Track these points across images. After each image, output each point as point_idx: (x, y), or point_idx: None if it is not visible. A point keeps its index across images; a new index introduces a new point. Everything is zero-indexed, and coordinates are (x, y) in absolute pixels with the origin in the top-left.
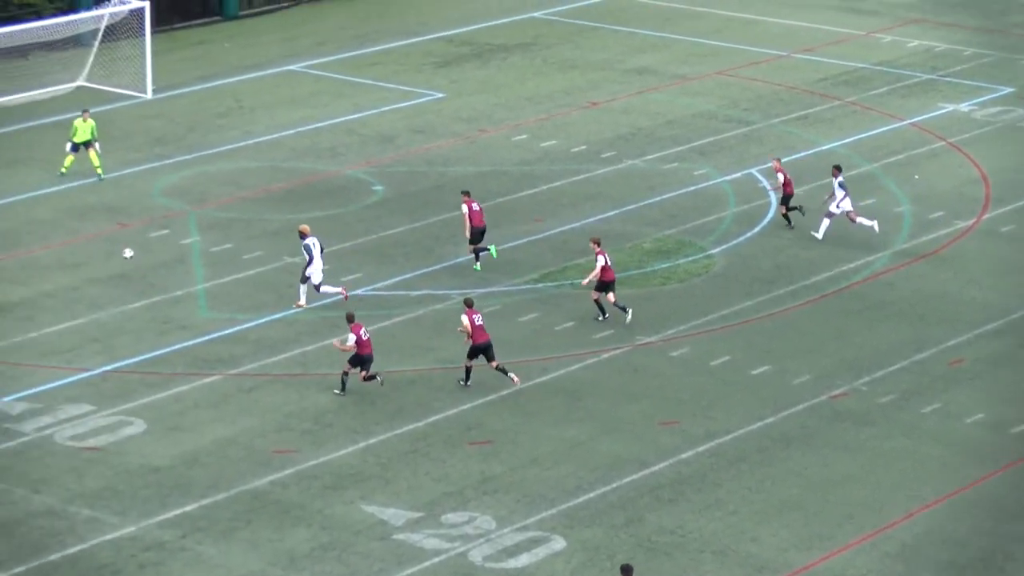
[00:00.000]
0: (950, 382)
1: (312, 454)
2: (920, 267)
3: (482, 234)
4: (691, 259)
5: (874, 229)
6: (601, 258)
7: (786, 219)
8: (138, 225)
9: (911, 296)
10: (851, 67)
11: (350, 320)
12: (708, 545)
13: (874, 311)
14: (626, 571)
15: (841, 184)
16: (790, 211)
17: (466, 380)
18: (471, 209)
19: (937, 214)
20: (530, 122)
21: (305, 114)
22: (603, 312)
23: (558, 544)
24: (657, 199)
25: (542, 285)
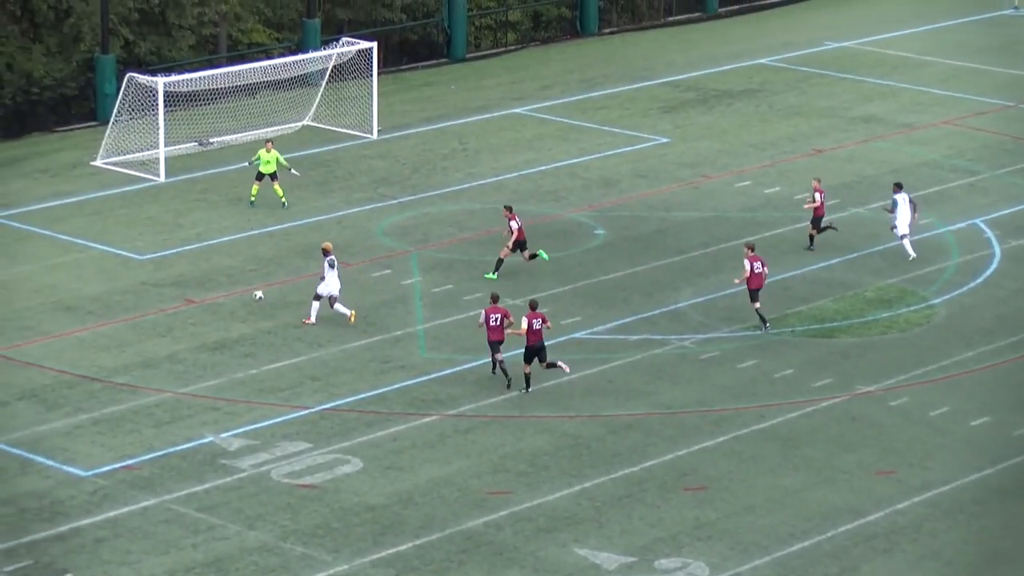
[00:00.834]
0: None
1: (527, 496)
2: None
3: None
4: (912, 309)
5: (909, 255)
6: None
7: (811, 240)
8: (360, 264)
9: None
10: None
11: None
12: None
13: None
14: None
15: (898, 202)
16: (821, 231)
17: (526, 387)
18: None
19: None
20: (754, 168)
21: (529, 157)
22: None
23: None
24: (880, 248)
25: (762, 332)
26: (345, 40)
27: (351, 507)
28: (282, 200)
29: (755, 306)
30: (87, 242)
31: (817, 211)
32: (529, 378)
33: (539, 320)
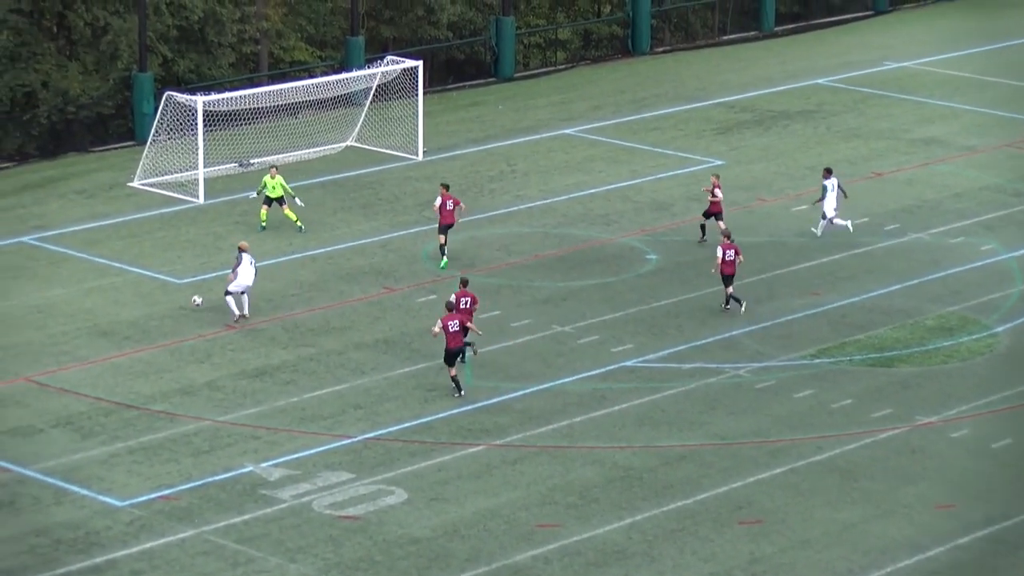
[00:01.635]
0: None
1: (576, 529)
2: None
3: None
4: (974, 337)
5: (848, 228)
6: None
7: (702, 230)
8: (405, 290)
9: None
10: None
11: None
12: None
13: None
14: None
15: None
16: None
17: (459, 391)
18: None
19: None
20: (811, 192)
21: (579, 179)
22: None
23: None
24: (941, 274)
25: (819, 361)
26: (390, 58)
27: (395, 540)
28: (297, 224)
29: (728, 290)
30: (124, 265)
31: (714, 206)
32: (458, 380)
33: (456, 322)
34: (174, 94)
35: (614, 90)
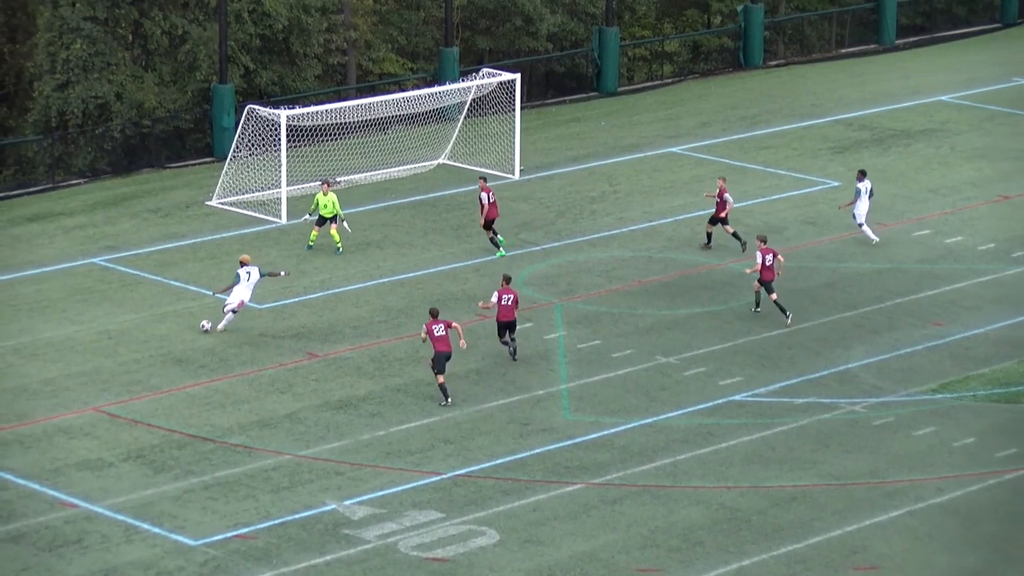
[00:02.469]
0: None
1: (679, 574)
2: None
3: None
4: None
5: (873, 240)
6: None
7: (708, 237)
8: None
9: None
10: None
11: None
12: None
13: None
14: None
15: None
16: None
17: (446, 398)
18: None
19: None
20: (933, 216)
21: (685, 201)
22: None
23: None
24: None
25: (940, 396)
26: (486, 71)
27: None
28: (337, 245)
29: (772, 298)
30: (201, 289)
31: (719, 209)
32: (445, 388)
33: (441, 327)
34: (256, 107)
35: (724, 106)
